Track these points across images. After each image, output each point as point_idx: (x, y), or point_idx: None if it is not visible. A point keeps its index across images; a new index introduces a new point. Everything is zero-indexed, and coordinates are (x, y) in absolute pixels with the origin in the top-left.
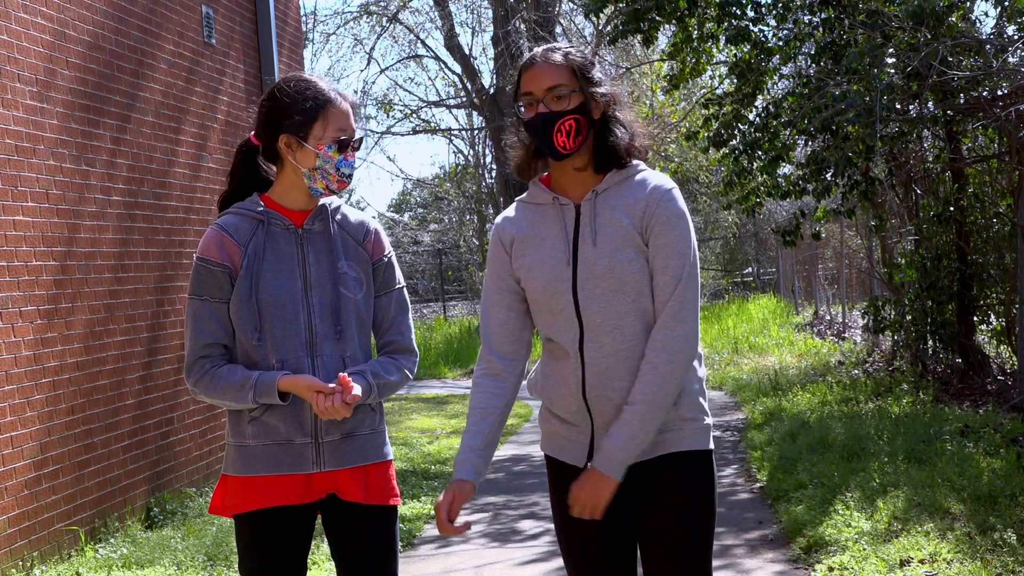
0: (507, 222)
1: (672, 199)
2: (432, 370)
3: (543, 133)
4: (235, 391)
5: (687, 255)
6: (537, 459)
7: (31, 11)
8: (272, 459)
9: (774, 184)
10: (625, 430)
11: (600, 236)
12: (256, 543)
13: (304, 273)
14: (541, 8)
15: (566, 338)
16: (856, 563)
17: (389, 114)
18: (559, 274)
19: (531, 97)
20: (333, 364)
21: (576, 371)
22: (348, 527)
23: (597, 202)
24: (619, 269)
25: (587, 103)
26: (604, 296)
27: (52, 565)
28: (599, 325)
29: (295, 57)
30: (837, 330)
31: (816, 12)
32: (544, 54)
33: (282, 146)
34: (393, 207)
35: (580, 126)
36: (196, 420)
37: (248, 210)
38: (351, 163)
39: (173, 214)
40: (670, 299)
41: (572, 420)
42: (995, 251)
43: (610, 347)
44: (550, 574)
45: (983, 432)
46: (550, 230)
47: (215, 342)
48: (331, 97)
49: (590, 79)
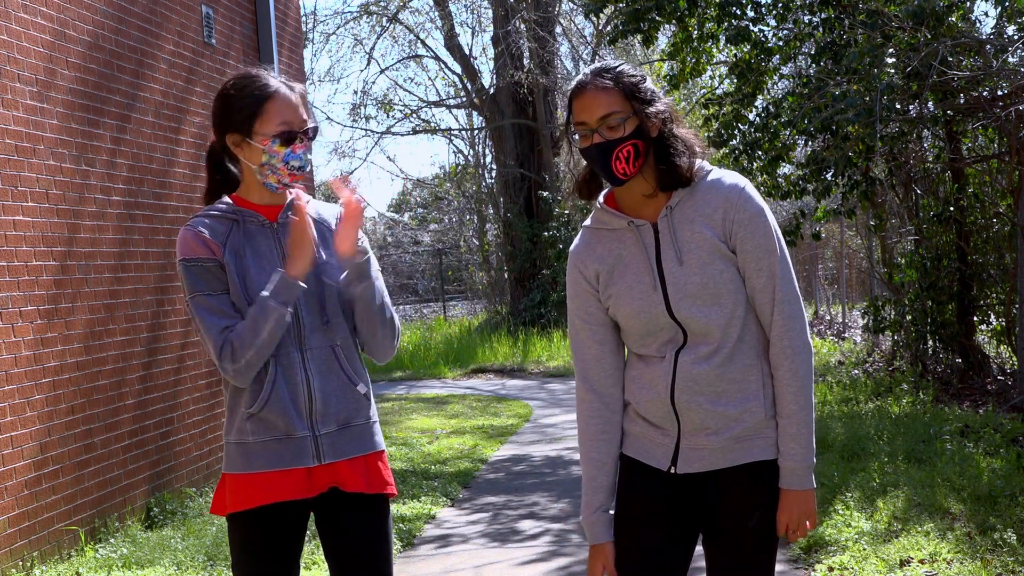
0: (585, 254)
1: (748, 198)
2: (432, 370)
3: (601, 163)
4: (265, 320)
5: (776, 250)
6: (537, 459)
7: (31, 11)
8: (273, 454)
9: (774, 184)
10: (796, 444)
11: (685, 253)
12: (251, 542)
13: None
14: (541, 8)
15: (666, 348)
16: (856, 563)
17: (389, 114)
18: (649, 299)
19: (585, 127)
20: (322, 355)
21: (667, 376)
22: (346, 518)
23: (674, 218)
24: (712, 284)
25: (643, 125)
26: (701, 311)
27: (52, 565)
28: (701, 335)
29: (295, 57)
30: (837, 330)
31: (816, 12)
32: (594, 80)
33: (231, 145)
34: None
35: (638, 150)
36: (196, 420)
37: (219, 211)
38: (299, 155)
39: (173, 214)
40: (776, 299)
41: (659, 423)
42: (995, 251)
43: (705, 354)
44: (550, 574)
45: (983, 432)
46: (632, 255)
47: (234, 325)
48: (272, 91)
49: (643, 99)
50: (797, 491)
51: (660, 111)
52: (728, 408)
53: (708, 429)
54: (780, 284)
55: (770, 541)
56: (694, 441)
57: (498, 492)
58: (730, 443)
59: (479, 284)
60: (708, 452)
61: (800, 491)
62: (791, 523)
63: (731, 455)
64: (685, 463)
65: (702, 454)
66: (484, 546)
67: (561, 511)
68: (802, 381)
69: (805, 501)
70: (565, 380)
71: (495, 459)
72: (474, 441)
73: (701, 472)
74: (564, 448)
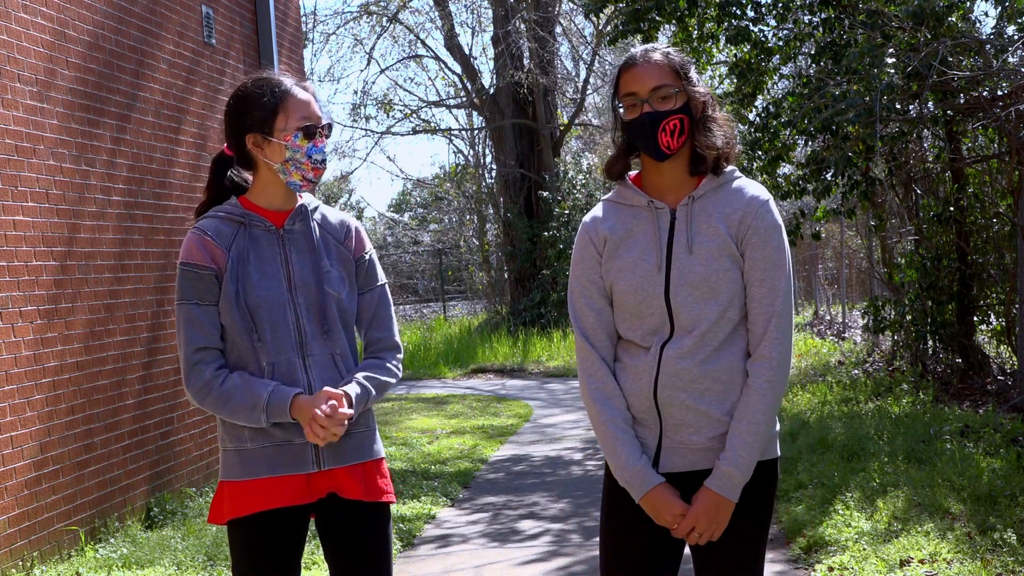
0: (598, 221)
1: (769, 210)
2: (432, 370)
3: (649, 133)
4: (247, 412)
5: (784, 267)
6: (537, 459)
7: (31, 11)
8: (272, 460)
9: (774, 184)
10: (746, 452)
11: (696, 244)
12: (251, 547)
13: (288, 273)
14: (541, 8)
15: (651, 339)
16: (856, 563)
17: (389, 114)
18: (651, 279)
19: (635, 97)
20: (323, 362)
21: (651, 369)
22: (346, 525)
23: (694, 208)
24: (714, 278)
25: (689, 103)
26: (696, 303)
27: (52, 565)
28: (687, 329)
29: (295, 57)
30: (837, 330)
31: (816, 12)
32: (645, 54)
33: (251, 146)
34: (393, 207)
35: (684, 126)
36: (196, 420)
37: (227, 213)
38: (321, 149)
39: (173, 214)
40: (774, 312)
41: (642, 419)
42: (995, 251)
43: (690, 350)
44: (550, 574)
45: (983, 432)
46: (643, 233)
47: (209, 346)
48: (288, 88)
49: (690, 79)
50: (723, 499)
51: (703, 93)
52: (711, 408)
53: (690, 428)
54: (782, 300)
55: (757, 543)
56: (676, 439)
57: (498, 492)
58: (713, 443)
59: (479, 284)
60: (691, 452)
61: (726, 500)
62: (705, 529)
63: (715, 455)
64: (667, 462)
65: (684, 453)
66: (484, 546)
67: (561, 511)
68: (775, 397)
69: (726, 511)
70: (565, 380)
71: (495, 459)
72: (474, 441)
73: (685, 472)
74: (564, 448)
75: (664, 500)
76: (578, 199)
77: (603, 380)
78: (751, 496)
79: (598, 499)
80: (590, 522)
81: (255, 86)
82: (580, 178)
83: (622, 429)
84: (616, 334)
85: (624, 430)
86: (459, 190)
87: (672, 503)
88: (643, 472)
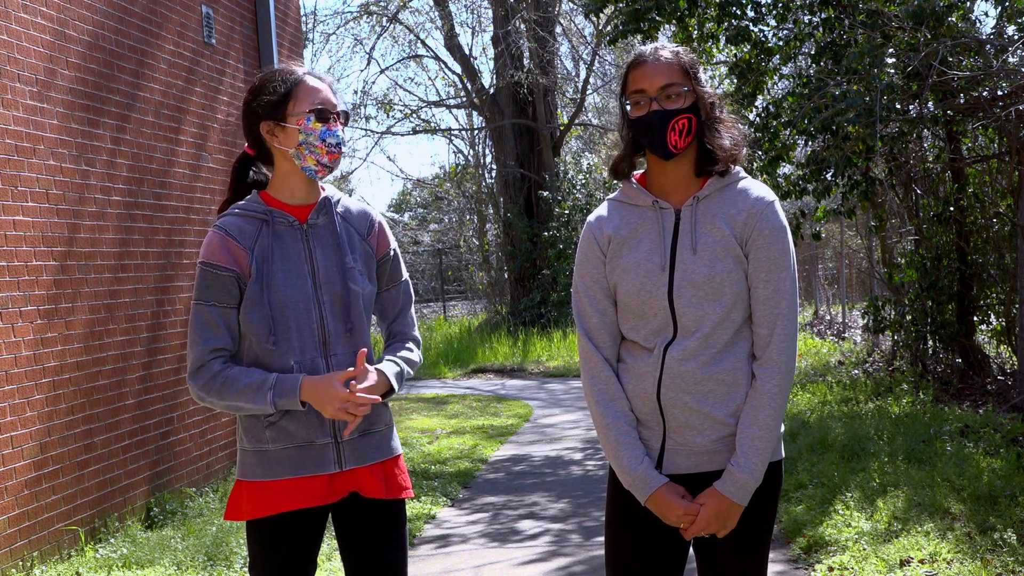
0: (603, 221)
1: (774, 212)
2: (432, 370)
3: (657, 131)
4: (252, 392)
5: (789, 268)
6: (537, 459)
7: (31, 11)
8: (294, 462)
9: (774, 184)
10: (758, 459)
11: (701, 245)
12: (272, 547)
13: (313, 270)
14: (541, 8)
15: (654, 340)
16: (856, 563)
17: (389, 114)
18: (654, 279)
19: (643, 95)
20: (347, 362)
21: (654, 371)
22: (367, 523)
23: (698, 209)
24: (718, 279)
25: (697, 103)
26: (699, 304)
27: (52, 565)
28: (690, 331)
29: (295, 57)
30: (837, 330)
31: (816, 12)
32: (655, 52)
33: (265, 135)
34: (393, 207)
35: (692, 125)
36: (196, 420)
37: (250, 210)
38: (335, 132)
39: (173, 214)
40: (779, 314)
41: (646, 421)
42: (995, 251)
43: (693, 351)
44: (550, 574)
45: (983, 432)
46: (648, 233)
47: (222, 347)
48: (300, 75)
49: (699, 79)
50: (734, 504)
51: (711, 94)
52: (714, 410)
53: (693, 430)
54: (787, 301)
55: (762, 543)
56: (679, 441)
57: (498, 492)
58: (716, 445)
59: (479, 284)
60: (694, 454)
61: (738, 505)
62: (708, 526)
63: (719, 458)
64: (671, 464)
65: (688, 455)
66: (484, 546)
67: (561, 511)
68: (783, 399)
69: (733, 514)
70: (565, 380)
71: (495, 459)
72: (474, 441)
73: (689, 474)
74: (564, 448)
75: (670, 500)
76: (578, 199)
77: (606, 382)
78: (756, 497)
79: (598, 499)
80: (590, 522)
81: (267, 76)
82: (580, 178)
83: (625, 432)
84: (620, 335)
85: (627, 433)
86: (459, 190)
87: (678, 503)
88: (646, 474)
